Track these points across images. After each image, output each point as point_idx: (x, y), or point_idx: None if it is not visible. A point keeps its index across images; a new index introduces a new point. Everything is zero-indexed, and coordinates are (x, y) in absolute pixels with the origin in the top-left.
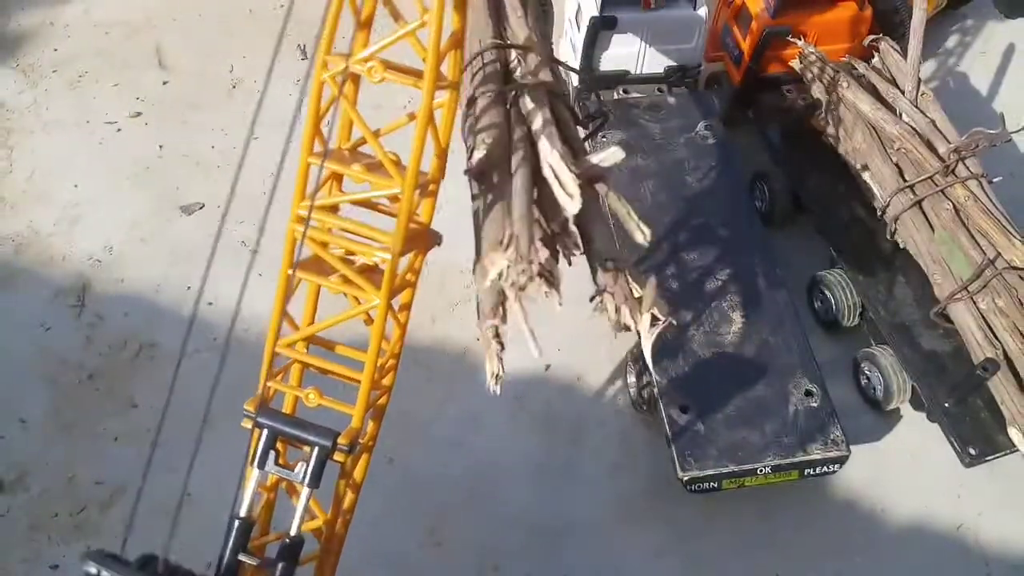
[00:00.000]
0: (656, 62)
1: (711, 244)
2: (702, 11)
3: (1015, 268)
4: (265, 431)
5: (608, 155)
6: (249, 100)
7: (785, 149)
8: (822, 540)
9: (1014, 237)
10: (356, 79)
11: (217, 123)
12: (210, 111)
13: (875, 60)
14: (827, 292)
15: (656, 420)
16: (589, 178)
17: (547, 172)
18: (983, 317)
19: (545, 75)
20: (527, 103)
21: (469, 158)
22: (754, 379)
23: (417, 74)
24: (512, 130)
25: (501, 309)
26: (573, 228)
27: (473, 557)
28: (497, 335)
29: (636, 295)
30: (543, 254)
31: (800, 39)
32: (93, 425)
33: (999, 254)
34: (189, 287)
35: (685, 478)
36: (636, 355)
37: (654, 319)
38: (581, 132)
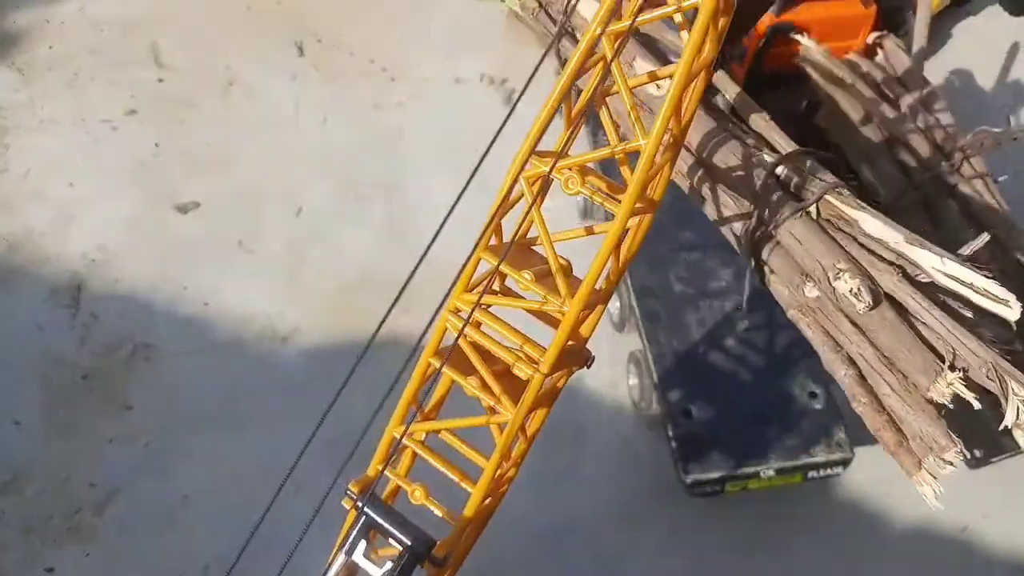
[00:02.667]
0: None
1: (713, 243)
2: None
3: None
4: (363, 519)
5: (978, 242)
6: (246, 98)
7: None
8: (824, 542)
9: (1020, 237)
10: (548, 181)
11: (213, 121)
12: (206, 109)
13: (879, 57)
14: None
15: (658, 423)
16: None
17: (943, 281)
18: None
19: (827, 174)
20: (846, 210)
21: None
22: (757, 381)
23: (616, 191)
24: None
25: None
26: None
27: (474, 562)
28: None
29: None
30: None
31: (804, 36)
32: (88, 426)
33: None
34: (185, 287)
35: (688, 481)
36: (636, 357)
37: None
38: None
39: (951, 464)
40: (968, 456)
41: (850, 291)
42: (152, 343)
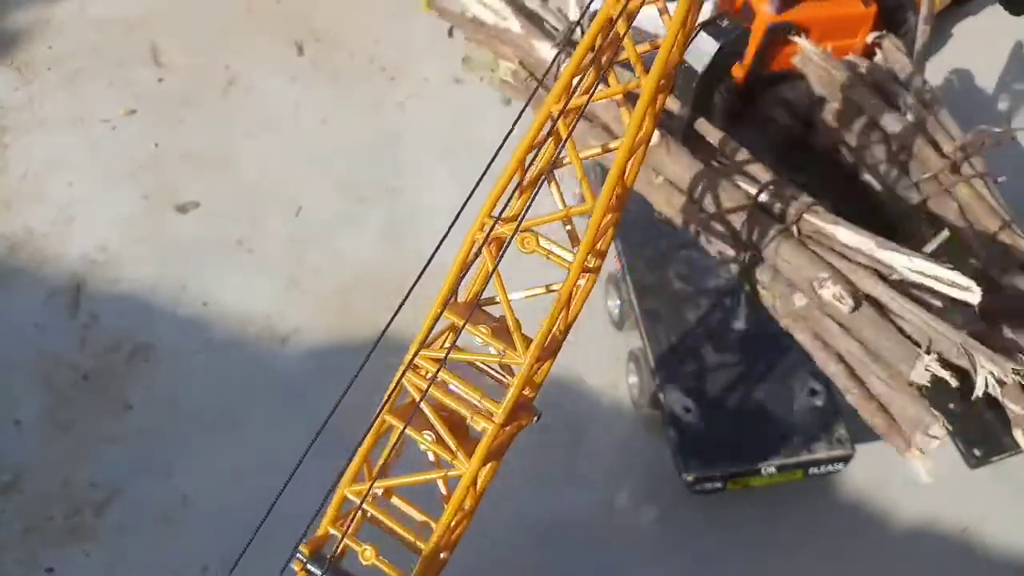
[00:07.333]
0: None
1: None
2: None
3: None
4: None
5: (938, 240)
6: (245, 98)
7: (787, 147)
8: (825, 540)
9: (1018, 236)
10: (502, 241)
11: (213, 121)
12: (206, 109)
13: (879, 57)
14: None
15: (658, 421)
16: None
17: (913, 277)
18: None
19: (803, 195)
20: (822, 225)
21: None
22: (758, 378)
23: (567, 250)
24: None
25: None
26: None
27: (475, 562)
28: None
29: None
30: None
31: (803, 36)
32: (88, 427)
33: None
34: (185, 287)
35: (689, 479)
36: (636, 356)
37: None
38: None
39: (936, 438)
40: (950, 428)
41: (833, 296)
42: (152, 343)
